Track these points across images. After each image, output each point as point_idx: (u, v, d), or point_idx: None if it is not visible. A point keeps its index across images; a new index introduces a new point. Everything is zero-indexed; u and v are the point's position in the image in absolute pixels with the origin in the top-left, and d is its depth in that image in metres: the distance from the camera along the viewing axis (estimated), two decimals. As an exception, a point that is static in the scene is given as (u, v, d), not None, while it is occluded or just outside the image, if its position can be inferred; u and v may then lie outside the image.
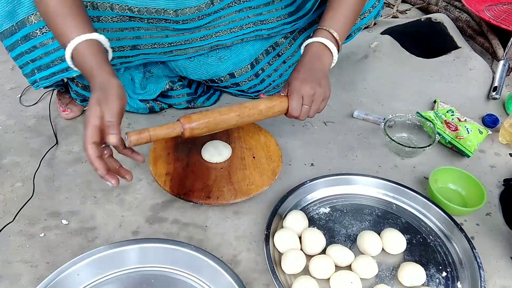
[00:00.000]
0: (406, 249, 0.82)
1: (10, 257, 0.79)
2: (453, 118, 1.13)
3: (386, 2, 1.84)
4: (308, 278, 0.73)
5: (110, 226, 0.85)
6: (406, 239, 0.83)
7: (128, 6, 0.88)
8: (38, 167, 0.96)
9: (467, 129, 1.08)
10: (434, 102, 1.23)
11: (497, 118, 1.19)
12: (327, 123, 1.16)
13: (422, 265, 0.78)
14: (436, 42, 1.48)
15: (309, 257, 0.79)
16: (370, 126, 1.17)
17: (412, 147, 1.05)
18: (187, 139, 0.85)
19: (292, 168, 1.01)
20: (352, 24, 0.94)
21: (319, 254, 0.80)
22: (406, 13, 1.77)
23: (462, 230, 0.84)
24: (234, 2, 0.98)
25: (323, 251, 0.80)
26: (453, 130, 1.08)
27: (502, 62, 1.33)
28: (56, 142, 1.04)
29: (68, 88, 1.17)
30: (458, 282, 0.78)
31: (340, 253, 0.78)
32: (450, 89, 1.31)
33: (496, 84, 1.28)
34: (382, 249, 0.81)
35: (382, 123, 1.09)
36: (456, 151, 1.08)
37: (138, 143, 0.75)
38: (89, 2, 0.86)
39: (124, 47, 0.96)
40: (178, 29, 0.96)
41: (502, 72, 1.31)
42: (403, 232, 0.84)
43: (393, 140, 1.05)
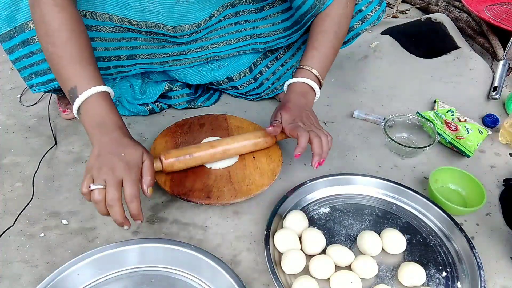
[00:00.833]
0: (406, 249, 0.82)
1: (10, 257, 0.79)
2: (453, 118, 1.13)
3: (386, 2, 1.84)
4: (308, 278, 0.73)
5: (110, 226, 0.85)
6: (406, 239, 0.83)
7: (127, 18, 0.88)
8: (37, 169, 0.96)
9: (467, 129, 1.08)
10: (434, 102, 1.23)
11: (497, 118, 1.19)
12: (327, 123, 1.16)
13: (422, 265, 0.78)
14: (436, 42, 1.48)
15: (309, 257, 0.79)
16: (370, 126, 1.17)
17: (412, 147, 1.05)
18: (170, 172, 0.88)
19: (292, 168, 1.01)
20: (332, 61, 0.98)
21: (319, 254, 0.80)
22: (406, 13, 1.77)
23: (462, 230, 0.84)
24: (230, 15, 0.99)
25: (323, 251, 0.80)
26: (453, 130, 1.08)
27: (502, 62, 1.33)
28: (55, 143, 1.04)
29: None
30: (458, 282, 0.78)
31: (340, 253, 0.78)
32: (450, 89, 1.31)
33: (496, 84, 1.28)
34: (382, 249, 0.81)
35: (382, 123, 1.09)
36: (456, 151, 1.08)
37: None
38: (88, 12, 0.86)
39: (120, 57, 0.96)
40: (175, 41, 0.97)
41: (502, 72, 1.31)
42: (403, 232, 0.84)
43: (393, 140, 1.05)
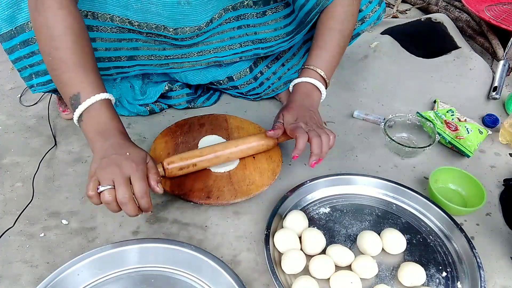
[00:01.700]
0: (406, 249, 0.82)
1: (10, 257, 0.79)
2: (453, 118, 1.13)
3: (386, 2, 1.84)
4: (308, 278, 0.73)
5: (110, 226, 0.85)
6: (406, 239, 0.83)
7: (128, 19, 0.88)
8: (37, 169, 0.96)
9: (467, 129, 1.08)
10: (434, 102, 1.24)
11: (497, 118, 1.19)
12: (327, 123, 1.16)
13: (422, 265, 0.78)
14: (436, 42, 1.48)
15: (309, 257, 0.79)
16: (370, 126, 1.17)
17: (412, 147, 1.05)
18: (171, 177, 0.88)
19: (292, 168, 1.01)
20: (338, 60, 0.96)
21: (319, 254, 0.80)
22: (406, 13, 1.77)
23: (462, 230, 0.84)
24: (232, 18, 0.99)
25: (323, 251, 0.80)
26: (453, 130, 1.08)
27: (502, 62, 1.33)
28: (55, 144, 1.04)
29: None
30: (458, 282, 0.78)
31: (340, 253, 0.78)
32: (450, 89, 1.31)
33: (496, 84, 1.28)
34: (382, 249, 0.82)
35: (382, 123, 1.09)
36: (456, 151, 1.08)
37: None
38: (89, 12, 0.86)
39: (121, 57, 0.96)
40: (176, 44, 0.97)
41: (502, 72, 1.31)
42: (403, 232, 0.84)
43: (393, 140, 1.05)
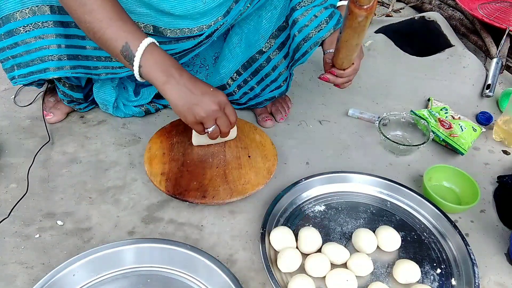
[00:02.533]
0: (400, 246, 0.82)
1: (5, 258, 0.79)
2: (447, 116, 1.14)
3: (380, 1, 1.84)
4: (304, 277, 0.74)
5: (105, 227, 0.85)
6: (401, 237, 0.83)
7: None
8: (32, 163, 0.96)
9: (461, 126, 1.09)
10: (428, 100, 1.24)
11: (490, 116, 1.20)
12: (322, 122, 1.17)
13: (417, 262, 0.78)
14: (429, 41, 1.49)
15: (304, 255, 0.79)
16: (364, 125, 1.17)
17: (406, 145, 1.05)
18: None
19: (287, 167, 1.01)
20: None
21: (315, 252, 0.80)
22: (400, 11, 1.78)
23: (456, 227, 0.84)
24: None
25: (319, 250, 0.81)
26: (447, 128, 1.09)
27: (495, 60, 1.34)
28: (49, 139, 1.03)
29: (51, 91, 1.16)
30: (453, 279, 0.78)
31: (335, 251, 0.78)
32: (444, 87, 1.32)
33: (489, 81, 1.29)
34: (377, 246, 0.82)
35: (377, 122, 1.09)
36: (450, 149, 1.09)
37: None
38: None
39: (111, 58, 0.95)
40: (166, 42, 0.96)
41: (495, 70, 1.32)
42: (398, 229, 0.84)
43: (387, 138, 1.05)
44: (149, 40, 0.77)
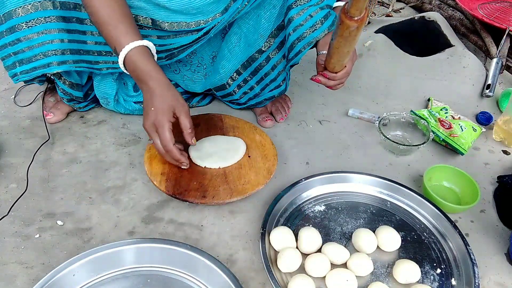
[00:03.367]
0: (400, 246, 0.82)
1: (5, 258, 0.79)
2: (447, 116, 1.14)
3: (380, 1, 1.85)
4: (304, 277, 0.74)
5: (105, 227, 0.85)
6: (401, 237, 0.83)
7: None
8: (31, 162, 0.96)
9: (461, 126, 1.09)
10: (428, 100, 1.24)
11: (490, 116, 1.20)
12: (322, 122, 1.17)
13: (417, 262, 0.78)
14: (429, 41, 1.49)
15: (304, 255, 0.79)
16: (364, 125, 1.17)
17: (406, 145, 1.05)
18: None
19: (287, 167, 1.01)
20: None
21: (315, 252, 0.80)
22: (400, 11, 1.78)
23: (456, 227, 0.84)
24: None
25: (319, 250, 0.80)
26: (447, 128, 1.09)
27: (495, 60, 1.34)
28: (48, 138, 1.03)
29: (51, 91, 1.16)
30: (453, 279, 0.78)
31: (335, 251, 0.78)
32: (444, 87, 1.32)
33: (489, 81, 1.29)
34: (377, 246, 0.82)
35: (377, 122, 1.09)
36: (450, 149, 1.09)
37: None
38: (77, 4, 0.87)
39: (111, 52, 0.96)
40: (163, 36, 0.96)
41: (495, 70, 1.32)
42: (398, 229, 0.84)
43: (387, 138, 1.05)
44: (128, 47, 0.80)
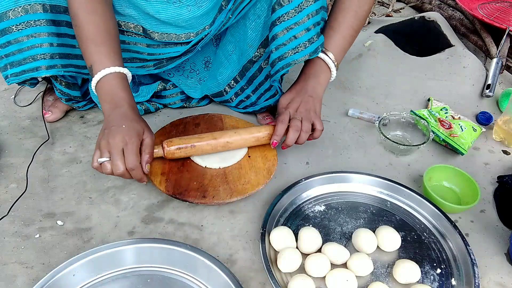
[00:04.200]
0: (400, 246, 0.82)
1: (5, 258, 0.79)
2: (447, 116, 1.14)
3: (380, 1, 1.84)
4: (304, 277, 0.74)
5: (105, 227, 0.85)
6: (401, 237, 0.83)
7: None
8: (31, 162, 0.96)
9: (461, 126, 1.09)
10: (428, 100, 1.24)
11: (490, 116, 1.20)
12: (322, 122, 1.16)
13: (417, 262, 0.78)
14: (429, 41, 1.49)
15: (304, 255, 0.79)
16: (364, 125, 1.17)
17: (406, 145, 1.05)
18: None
19: (287, 167, 1.01)
20: (350, 43, 0.96)
21: (315, 252, 0.80)
22: (400, 11, 1.78)
23: (456, 227, 0.84)
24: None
25: (319, 250, 0.80)
26: (447, 128, 1.09)
27: (495, 60, 1.34)
28: (48, 138, 1.03)
29: (50, 90, 1.16)
30: (453, 279, 0.78)
31: (335, 251, 0.78)
32: (444, 87, 1.32)
33: (489, 81, 1.29)
34: (377, 246, 0.82)
35: (377, 122, 1.09)
36: (450, 149, 1.09)
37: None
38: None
39: None
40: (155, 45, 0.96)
41: (495, 70, 1.32)
42: (398, 229, 0.84)
43: (387, 138, 1.05)
44: (109, 70, 0.79)
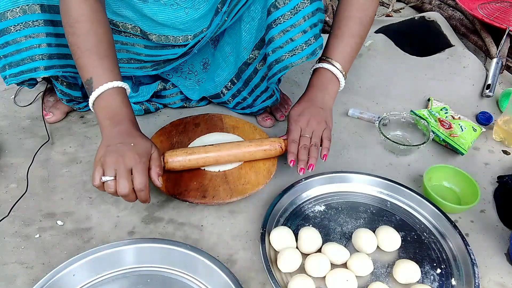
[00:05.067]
0: (400, 246, 0.82)
1: (5, 258, 0.79)
2: (447, 116, 1.14)
3: (380, 1, 1.84)
4: (304, 277, 0.74)
5: (105, 227, 0.85)
6: (401, 237, 0.83)
7: (112, 20, 0.89)
8: (31, 162, 0.96)
9: (461, 126, 1.09)
10: (428, 100, 1.24)
11: (490, 116, 1.20)
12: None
13: (417, 262, 0.78)
14: (430, 41, 1.49)
15: (304, 255, 0.79)
16: (364, 125, 1.17)
17: (406, 145, 1.05)
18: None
19: (287, 167, 1.00)
20: (356, 50, 0.94)
21: (315, 252, 0.80)
22: (400, 11, 1.78)
23: (456, 227, 0.84)
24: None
25: (319, 250, 0.80)
26: (447, 128, 1.09)
27: (495, 60, 1.34)
28: (48, 138, 1.03)
29: (51, 91, 1.16)
30: (453, 279, 0.78)
31: (335, 251, 0.78)
32: (444, 87, 1.32)
33: (489, 82, 1.29)
34: (377, 246, 0.82)
35: (377, 122, 1.09)
36: (450, 149, 1.09)
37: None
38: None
39: None
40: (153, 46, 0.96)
41: (495, 70, 1.32)
42: (398, 229, 0.84)
43: (387, 138, 1.05)
44: (112, 84, 0.76)
